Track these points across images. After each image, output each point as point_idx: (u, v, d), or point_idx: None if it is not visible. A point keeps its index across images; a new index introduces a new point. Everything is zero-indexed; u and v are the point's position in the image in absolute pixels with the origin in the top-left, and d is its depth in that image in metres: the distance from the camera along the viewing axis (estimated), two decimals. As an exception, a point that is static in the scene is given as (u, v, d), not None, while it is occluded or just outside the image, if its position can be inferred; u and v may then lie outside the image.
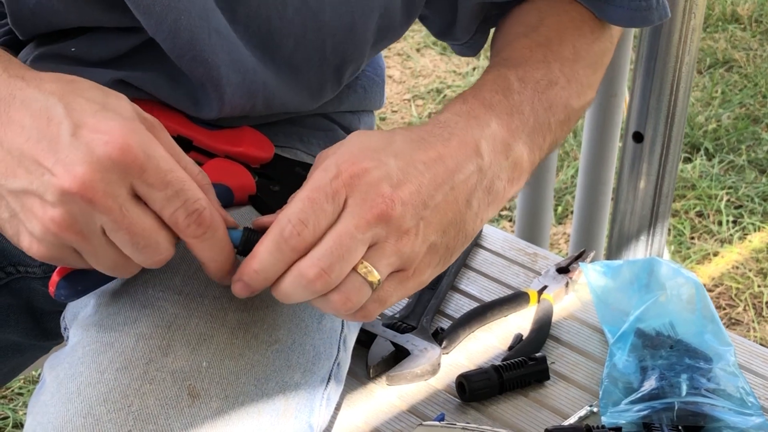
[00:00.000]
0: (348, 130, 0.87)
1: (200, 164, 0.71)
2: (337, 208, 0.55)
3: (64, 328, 0.72)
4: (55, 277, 0.62)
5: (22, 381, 1.69)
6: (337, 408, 0.81)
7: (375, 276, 0.56)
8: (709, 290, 1.91)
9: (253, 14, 0.68)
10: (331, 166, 0.56)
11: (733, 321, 1.85)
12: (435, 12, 0.81)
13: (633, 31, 1.35)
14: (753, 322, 1.83)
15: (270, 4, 0.68)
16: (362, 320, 0.59)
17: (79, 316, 0.67)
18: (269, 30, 0.69)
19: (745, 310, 1.86)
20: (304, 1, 0.68)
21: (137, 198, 0.54)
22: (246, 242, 0.58)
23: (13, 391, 1.67)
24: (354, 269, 0.56)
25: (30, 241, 0.55)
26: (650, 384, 0.80)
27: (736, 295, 1.90)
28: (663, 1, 0.77)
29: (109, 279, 0.64)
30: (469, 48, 0.85)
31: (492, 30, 0.82)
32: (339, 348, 0.72)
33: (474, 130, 0.61)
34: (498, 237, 1.07)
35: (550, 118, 0.67)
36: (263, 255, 0.55)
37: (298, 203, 0.55)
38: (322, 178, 0.56)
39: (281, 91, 0.73)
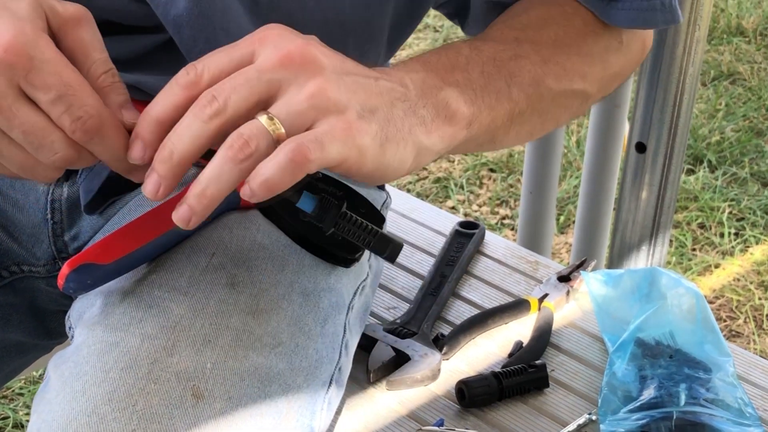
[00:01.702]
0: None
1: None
2: (238, 59, 0.54)
3: (69, 327, 0.72)
4: (64, 270, 0.62)
5: (22, 381, 1.69)
6: (337, 412, 0.81)
7: (276, 126, 0.53)
8: (710, 302, 1.91)
9: (275, 7, 0.69)
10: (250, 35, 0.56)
11: (733, 333, 1.85)
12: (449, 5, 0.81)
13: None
14: (753, 334, 1.83)
15: None
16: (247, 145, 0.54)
17: (85, 315, 0.68)
18: (291, 24, 0.70)
19: (745, 322, 1.87)
20: None
21: (29, 98, 0.54)
22: (320, 209, 0.59)
23: (13, 391, 1.68)
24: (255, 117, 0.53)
25: None
26: (649, 393, 0.81)
27: (736, 307, 1.90)
28: (672, 4, 0.75)
29: (119, 274, 0.65)
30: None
31: None
32: (341, 352, 0.72)
33: (400, 72, 0.60)
34: (500, 245, 1.08)
35: (510, 86, 0.65)
36: (154, 104, 0.55)
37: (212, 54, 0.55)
38: (238, 42, 0.55)
39: None
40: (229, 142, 0.53)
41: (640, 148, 1.13)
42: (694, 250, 2.07)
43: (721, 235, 2.10)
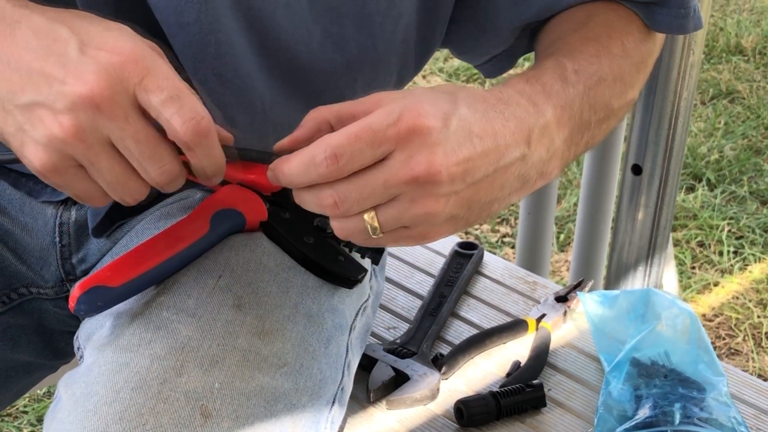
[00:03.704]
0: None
1: (213, 191, 0.75)
2: (379, 156, 0.55)
3: (78, 348, 0.73)
4: (75, 292, 0.64)
5: (27, 399, 1.69)
6: (339, 431, 0.83)
7: (377, 225, 0.57)
8: (709, 320, 1.92)
9: (281, 48, 0.70)
10: (394, 111, 0.56)
11: (732, 351, 1.86)
12: (462, 35, 0.83)
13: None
14: (752, 352, 1.84)
15: (298, 39, 0.70)
16: (346, 238, 0.60)
17: (94, 336, 0.69)
18: (298, 65, 0.72)
19: (744, 340, 1.88)
20: (327, 33, 0.71)
21: (142, 109, 0.55)
22: None
23: (18, 409, 1.68)
24: (361, 213, 0.57)
25: (35, 151, 0.55)
26: (644, 412, 0.82)
27: (735, 325, 1.91)
28: (698, 11, 0.78)
29: (128, 296, 0.67)
30: (503, 60, 0.86)
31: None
32: (343, 372, 0.74)
33: (531, 116, 0.61)
34: (498, 265, 1.09)
35: (591, 116, 0.68)
36: (293, 166, 0.57)
37: (342, 136, 0.55)
38: (379, 121, 0.55)
39: None
40: (336, 226, 0.58)
41: (636, 170, 1.14)
42: (693, 268, 2.08)
43: (720, 254, 2.11)
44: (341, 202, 0.56)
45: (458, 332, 0.98)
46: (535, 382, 0.88)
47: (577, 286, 1.03)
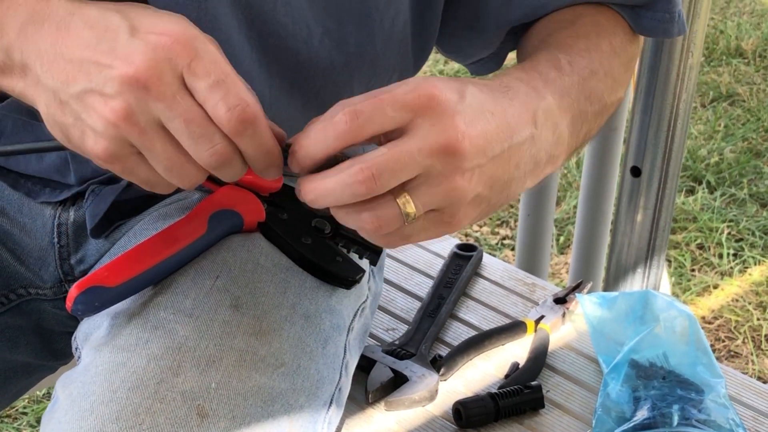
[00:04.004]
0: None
1: (211, 192, 0.75)
2: (400, 122, 0.54)
3: (75, 348, 0.74)
4: (73, 292, 0.64)
5: (26, 401, 1.70)
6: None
7: (412, 209, 0.55)
8: (709, 322, 1.92)
9: (281, 46, 0.70)
10: (410, 81, 0.55)
11: (731, 354, 1.86)
12: (451, 33, 0.83)
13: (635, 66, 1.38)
14: (752, 354, 1.84)
15: (297, 36, 0.70)
16: (384, 246, 0.57)
17: (92, 336, 0.69)
18: (298, 62, 0.72)
19: (744, 342, 1.88)
20: (327, 30, 0.71)
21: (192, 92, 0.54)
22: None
23: (17, 410, 1.69)
24: (394, 197, 0.54)
25: (94, 139, 0.55)
26: (642, 414, 0.82)
27: (735, 327, 1.91)
28: (683, 16, 0.79)
29: (126, 296, 0.67)
30: (491, 61, 0.87)
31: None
32: (341, 373, 0.74)
33: (533, 99, 0.61)
34: (497, 267, 1.10)
35: (588, 107, 0.68)
36: (311, 133, 0.55)
37: (361, 97, 0.54)
38: (396, 87, 0.54)
39: (299, 126, 0.75)
40: (367, 219, 0.55)
41: (635, 172, 1.15)
42: (693, 270, 2.09)
43: (720, 256, 2.11)
44: (378, 174, 0.53)
45: (457, 334, 0.98)
46: (533, 383, 0.88)
47: (576, 287, 1.03)
